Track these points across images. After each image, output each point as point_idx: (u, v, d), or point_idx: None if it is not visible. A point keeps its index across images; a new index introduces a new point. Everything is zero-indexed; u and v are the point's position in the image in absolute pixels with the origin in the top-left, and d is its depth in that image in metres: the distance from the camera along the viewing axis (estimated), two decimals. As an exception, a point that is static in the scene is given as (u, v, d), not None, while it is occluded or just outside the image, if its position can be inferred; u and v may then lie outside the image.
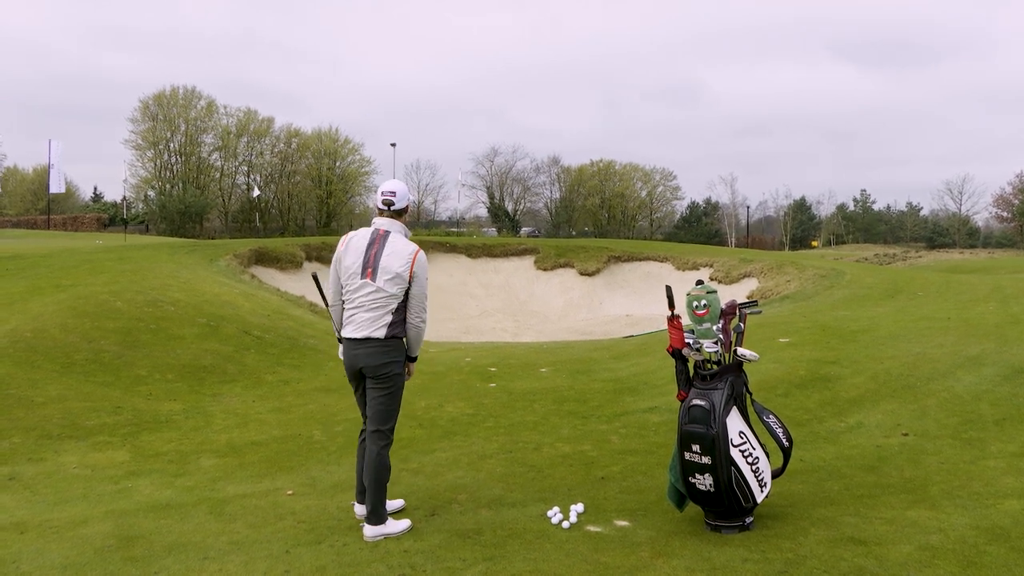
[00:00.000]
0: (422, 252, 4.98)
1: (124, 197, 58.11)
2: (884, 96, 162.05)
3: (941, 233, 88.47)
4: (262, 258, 25.94)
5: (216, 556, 4.72)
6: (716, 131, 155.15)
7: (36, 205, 73.15)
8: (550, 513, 5.24)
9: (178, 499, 6.01)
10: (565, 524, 5.06)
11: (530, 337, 22.00)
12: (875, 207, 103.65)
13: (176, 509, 5.73)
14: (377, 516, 4.91)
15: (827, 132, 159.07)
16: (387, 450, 4.99)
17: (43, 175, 65.00)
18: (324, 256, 29.65)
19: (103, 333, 11.68)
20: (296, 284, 24.51)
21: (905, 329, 11.36)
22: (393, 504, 5.40)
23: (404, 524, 5.02)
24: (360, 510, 5.25)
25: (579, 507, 5.34)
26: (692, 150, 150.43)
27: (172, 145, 71.04)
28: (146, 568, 4.58)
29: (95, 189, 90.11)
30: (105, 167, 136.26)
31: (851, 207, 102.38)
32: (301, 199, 77.10)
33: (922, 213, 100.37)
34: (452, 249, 32.66)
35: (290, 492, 6.08)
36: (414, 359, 5.18)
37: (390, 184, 5.05)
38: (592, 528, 5.01)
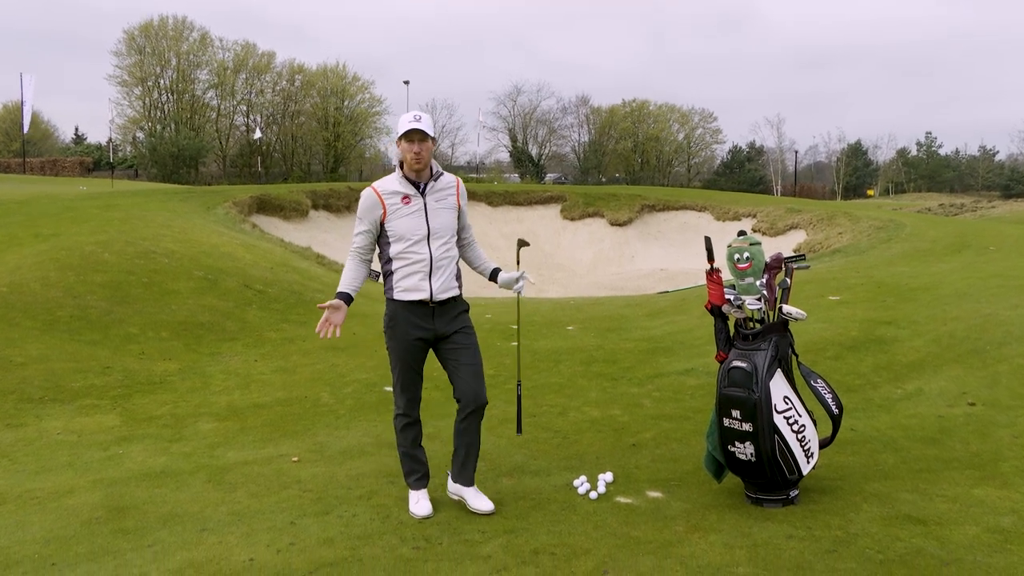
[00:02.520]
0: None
1: (110, 139, 58.28)
2: (963, 22, 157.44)
3: (1020, 180, 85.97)
4: (264, 206, 26.04)
5: (215, 528, 4.78)
6: (766, 66, 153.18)
7: (9, 147, 72.68)
8: (576, 483, 5.26)
9: (173, 466, 6.08)
10: (592, 495, 5.08)
11: (556, 292, 22.00)
12: (941, 152, 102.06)
13: (171, 477, 5.81)
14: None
15: (892, 66, 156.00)
16: None
17: (15, 112, 64.94)
18: (332, 204, 29.76)
19: (89, 287, 11.78)
20: (301, 234, 24.62)
21: (973, 287, 11.21)
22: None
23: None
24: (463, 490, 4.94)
25: (608, 476, 5.35)
26: (736, 89, 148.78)
27: (162, 82, 70.95)
28: (138, 540, 4.64)
29: (76, 130, 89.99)
30: (87, 104, 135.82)
31: (913, 152, 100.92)
32: (306, 142, 77.01)
33: (997, 158, 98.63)
34: (471, 197, 32.28)
35: (295, 459, 6.14)
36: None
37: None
38: (622, 499, 5.03)
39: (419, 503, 4.82)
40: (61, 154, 71.47)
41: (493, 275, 4.95)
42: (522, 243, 5.44)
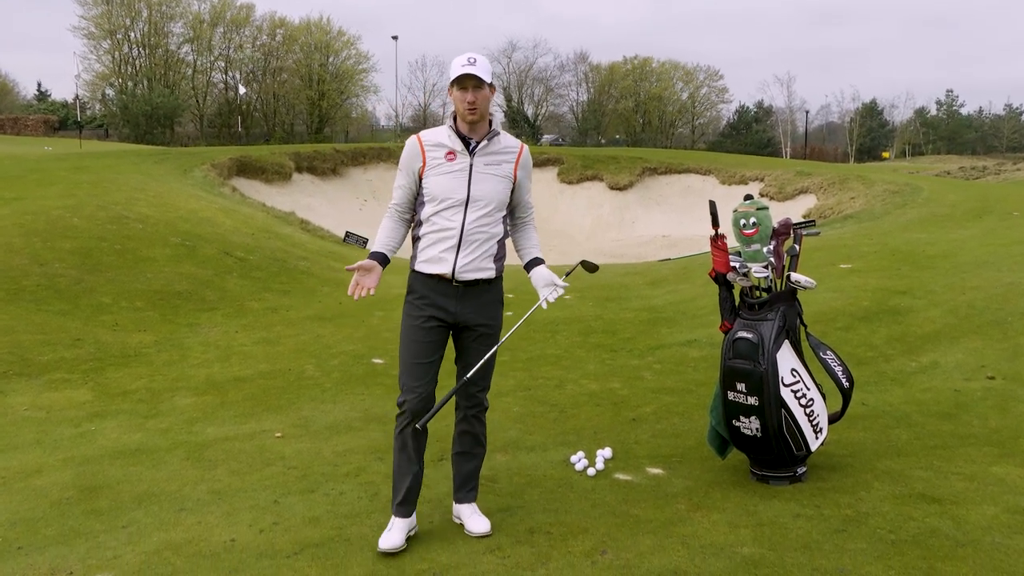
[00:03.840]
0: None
1: (77, 96, 57.75)
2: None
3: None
4: (245, 168, 25.92)
5: (194, 507, 4.80)
6: (776, 21, 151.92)
7: (-37, 103, 71.95)
8: (574, 459, 5.28)
9: (149, 443, 6.08)
10: (591, 471, 5.11)
11: (553, 259, 21.85)
12: (963, 111, 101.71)
13: (147, 455, 5.81)
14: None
15: (913, 17, 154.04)
16: None
17: (-31, 67, 63.79)
18: (316, 166, 29.65)
19: (57, 254, 11.73)
20: (284, 198, 24.54)
21: (994, 255, 11.22)
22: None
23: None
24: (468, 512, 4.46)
25: (606, 452, 5.38)
26: (744, 45, 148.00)
27: (133, 35, 70.06)
28: (112, 521, 4.65)
29: (39, 85, 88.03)
30: (51, 57, 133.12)
31: (933, 111, 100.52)
32: (289, 100, 76.54)
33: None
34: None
35: (279, 434, 6.14)
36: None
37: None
38: (621, 476, 5.05)
39: (390, 531, 4.16)
40: (23, 112, 70.58)
41: (530, 264, 4.45)
42: (589, 267, 4.70)
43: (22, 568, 4.07)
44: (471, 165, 4.15)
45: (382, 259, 4.26)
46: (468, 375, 4.24)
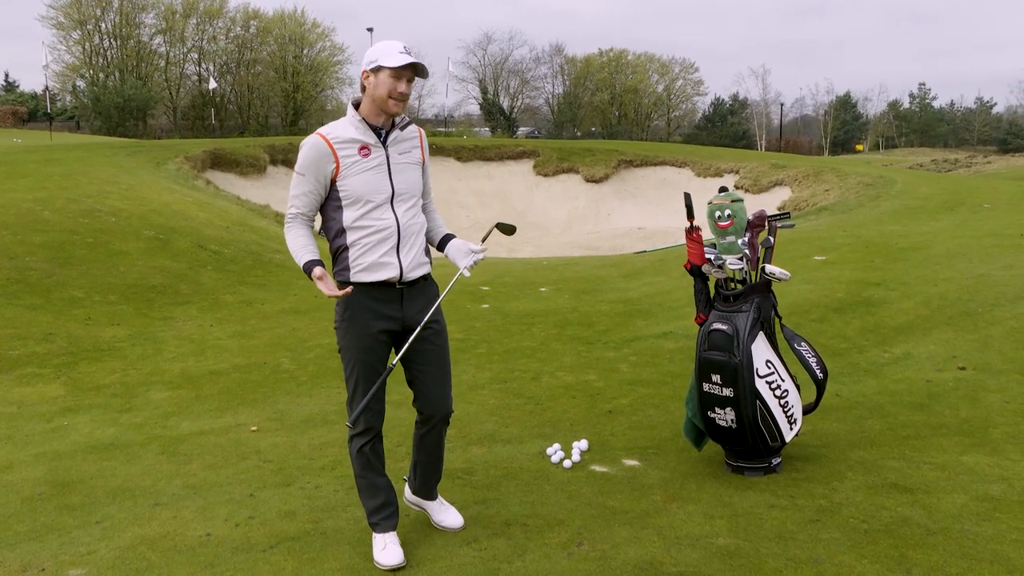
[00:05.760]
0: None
1: (46, 87, 56.95)
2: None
3: (1018, 134, 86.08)
4: (219, 161, 25.75)
5: (169, 502, 4.77)
6: (752, 13, 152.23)
7: (-74, 95, 70.89)
8: (550, 451, 5.30)
9: (123, 438, 6.05)
10: (567, 463, 5.12)
11: (528, 252, 21.98)
12: (935, 104, 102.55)
13: (121, 449, 5.78)
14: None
15: (888, 12, 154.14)
16: None
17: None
18: (291, 159, 29.33)
19: (28, 248, 11.62)
20: (259, 191, 24.41)
21: (966, 247, 11.34)
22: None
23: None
24: (423, 503, 4.41)
25: (583, 444, 5.39)
26: (720, 37, 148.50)
27: (103, 25, 69.18)
28: (86, 517, 4.62)
29: (6, 76, 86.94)
30: (17, 46, 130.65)
31: (906, 104, 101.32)
32: (263, 93, 76.04)
33: (995, 110, 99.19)
34: (439, 151, 32.41)
35: (254, 428, 6.13)
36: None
37: None
38: (597, 468, 5.07)
39: (387, 548, 3.95)
40: (-11, 102, 69.90)
41: (443, 241, 4.13)
42: (505, 229, 4.39)
43: (-6, 564, 4.04)
44: (387, 157, 3.84)
45: (321, 263, 3.83)
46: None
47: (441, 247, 4.14)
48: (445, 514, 4.30)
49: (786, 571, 3.68)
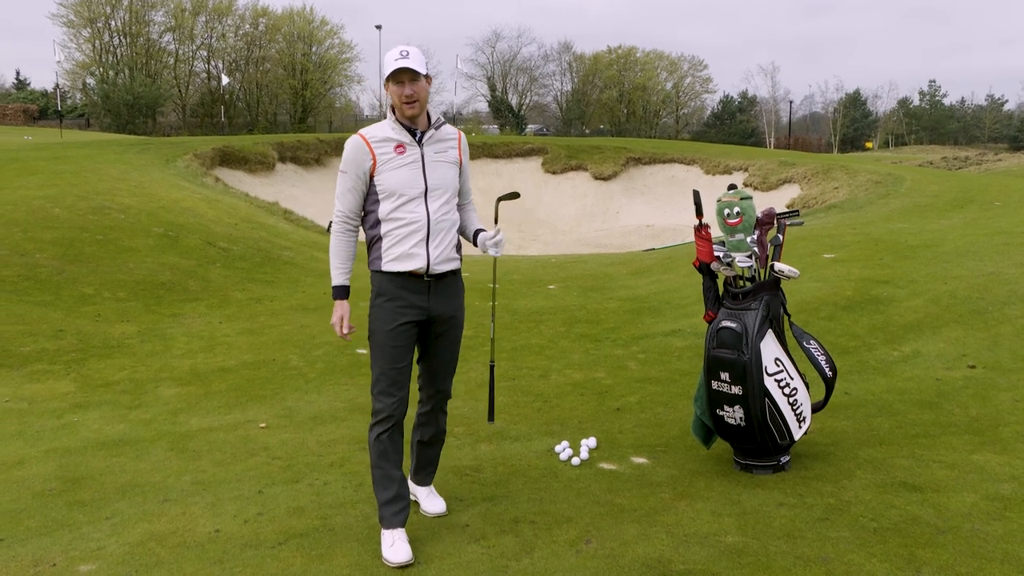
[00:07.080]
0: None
1: (57, 85, 57.07)
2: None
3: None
4: (228, 159, 25.77)
5: (178, 498, 4.79)
6: (761, 11, 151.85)
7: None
8: (558, 448, 5.30)
9: (133, 434, 6.07)
10: (575, 461, 5.12)
11: (537, 250, 21.99)
12: (946, 102, 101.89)
13: (131, 446, 5.79)
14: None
15: (898, 8, 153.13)
16: None
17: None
18: (300, 156, 29.50)
19: (38, 245, 11.65)
20: (268, 188, 24.43)
21: (976, 245, 11.28)
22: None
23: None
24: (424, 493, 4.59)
25: (591, 442, 5.39)
26: (729, 35, 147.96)
27: (113, 23, 69.35)
28: (96, 513, 4.64)
29: (18, 74, 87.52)
30: (29, 45, 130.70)
31: (916, 101, 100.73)
32: (272, 90, 76.17)
33: (1006, 107, 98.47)
34: (446, 149, 32.29)
35: (263, 425, 6.14)
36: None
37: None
38: (605, 466, 5.07)
39: (395, 545, 3.95)
40: (1, 100, 69.81)
41: (475, 236, 4.39)
42: (507, 198, 4.85)
43: (4, 560, 4.05)
44: (422, 155, 4.08)
45: (345, 293, 4.19)
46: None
47: (474, 241, 4.38)
48: (432, 501, 4.47)
49: (795, 569, 3.68)
